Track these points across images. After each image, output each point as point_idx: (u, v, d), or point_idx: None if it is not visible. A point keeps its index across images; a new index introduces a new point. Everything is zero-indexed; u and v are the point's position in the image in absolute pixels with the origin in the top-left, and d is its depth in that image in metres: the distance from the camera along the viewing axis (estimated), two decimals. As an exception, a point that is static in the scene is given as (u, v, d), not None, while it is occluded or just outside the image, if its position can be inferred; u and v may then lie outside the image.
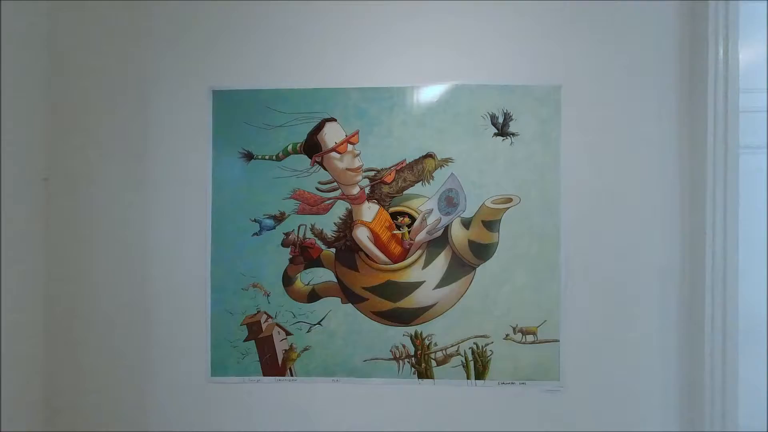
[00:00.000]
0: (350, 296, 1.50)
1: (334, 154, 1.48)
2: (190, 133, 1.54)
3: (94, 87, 1.56)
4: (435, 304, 1.49)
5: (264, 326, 1.52)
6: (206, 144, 1.53)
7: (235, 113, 1.51)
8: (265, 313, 1.51)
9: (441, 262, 1.48)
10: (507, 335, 1.49)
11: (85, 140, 1.56)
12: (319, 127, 1.49)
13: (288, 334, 1.52)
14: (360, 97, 1.50)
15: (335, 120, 1.50)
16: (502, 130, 1.50)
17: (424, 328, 1.50)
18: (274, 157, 1.50)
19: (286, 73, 1.53)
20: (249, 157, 1.51)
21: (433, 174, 1.49)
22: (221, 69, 1.53)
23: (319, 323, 1.50)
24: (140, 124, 1.55)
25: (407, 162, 1.49)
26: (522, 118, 1.49)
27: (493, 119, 1.50)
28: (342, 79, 1.51)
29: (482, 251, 1.48)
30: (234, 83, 1.53)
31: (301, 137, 1.50)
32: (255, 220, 1.51)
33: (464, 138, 1.50)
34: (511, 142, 1.50)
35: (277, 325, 1.51)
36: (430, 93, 1.50)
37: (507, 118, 1.50)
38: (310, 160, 1.49)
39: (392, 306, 1.48)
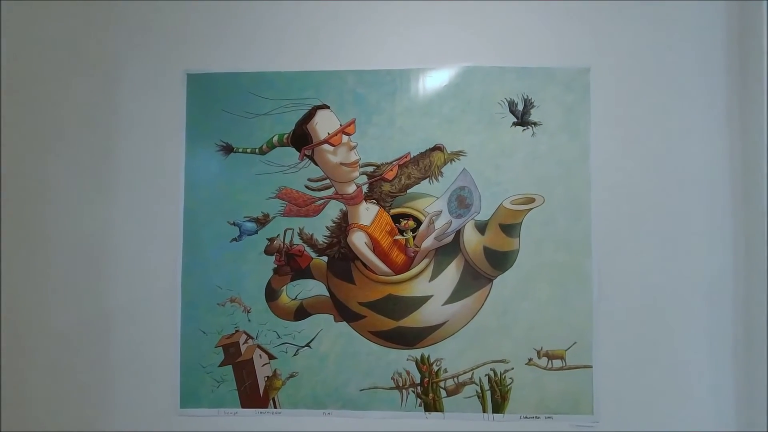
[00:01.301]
0: (345, 313, 1.30)
1: (326, 146, 1.29)
2: (160, 123, 1.35)
3: (49, 69, 1.37)
4: (445, 323, 1.28)
5: (243, 348, 1.31)
6: (179, 135, 1.34)
7: (213, 100, 1.34)
8: (245, 332, 1.31)
9: (451, 273, 1.28)
10: (530, 360, 1.28)
11: (40, 131, 1.37)
12: (310, 116, 1.31)
13: (271, 357, 1.31)
14: (357, 81, 1.32)
15: (328, 107, 1.32)
16: (522, 118, 1.31)
17: (431, 351, 1.29)
18: (256, 151, 1.32)
19: (272, 54, 1.34)
20: (228, 150, 1.33)
21: (442, 170, 1.31)
22: (197, 49, 1.35)
23: (307, 345, 1.30)
24: (103, 113, 1.36)
25: (412, 156, 1.31)
26: (545, 105, 1.31)
27: (512, 106, 1.31)
28: (336, 60, 1.33)
29: (500, 260, 1.28)
30: (212, 65, 1.35)
31: (288, 127, 1.32)
32: (234, 224, 1.32)
33: (478, 128, 1.31)
34: (533, 133, 1.30)
35: (259, 347, 1.31)
36: (438, 76, 1.32)
37: (527, 105, 1.31)
38: (298, 153, 1.31)
39: (394, 325, 1.28)
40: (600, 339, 1.28)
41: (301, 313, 1.31)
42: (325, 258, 1.31)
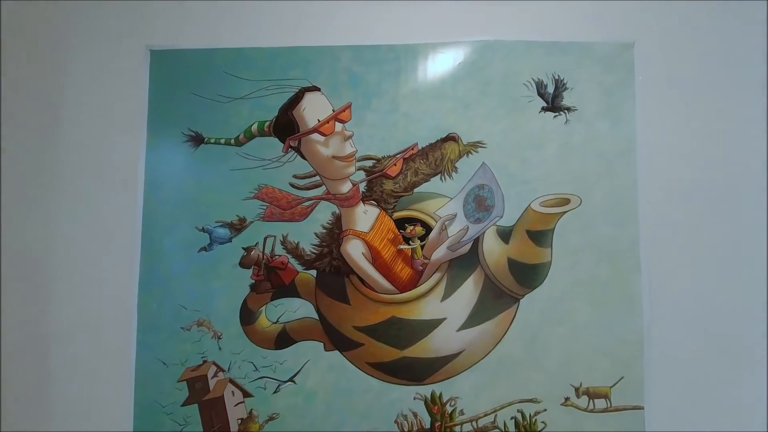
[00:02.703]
0: (337, 340, 1.09)
1: (316, 136, 1.09)
2: (116, 109, 1.15)
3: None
4: (460, 353, 1.08)
5: (212, 383, 1.10)
6: (138, 123, 1.14)
7: (181, 81, 1.14)
8: (215, 363, 1.10)
9: (469, 290, 1.08)
10: (566, 399, 1.07)
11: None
12: (296, 100, 1.11)
13: (246, 395, 1.10)
14: (353, 59, 1.13)
15: (318, 90, 1.12)
16: (553, 103, 1.11)
17: (444, 388, 1.08)
18: (232, 141, 1.13)
19: (252, 27, 1.15)
20: (197, 140, 1.14)
21: (457, 164, 1.11)
22: (162, 21, 1.16)
23: (291, 380, 1.09)
24: (46, 98, 1.15)
25: (419, 148, 1.12)
26: (580, 87, 1.11)
27: (540, 88, 1.11)
28: (329, 34, 1.14)
29: (528, 275, 1.08)
30: (179, 40, 1.16)
31: (270, 113, 1.12)
32: (203, 230, 1.12)
33: (500, 114, 1.11)
34: (566, 120, 1.11)
35: (232, 381, 1.10)
36: (451, 53, 1.13)
37: (559, 86, 1.11)
38: (282, 144, 1.11)
39: (398, 355, 1.08)
40: (653, 373, 1.06)
41: (283, 339, 1.10)
42: (314, 272, 1.11)
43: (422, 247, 1.09)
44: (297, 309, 1.10)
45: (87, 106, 1.15)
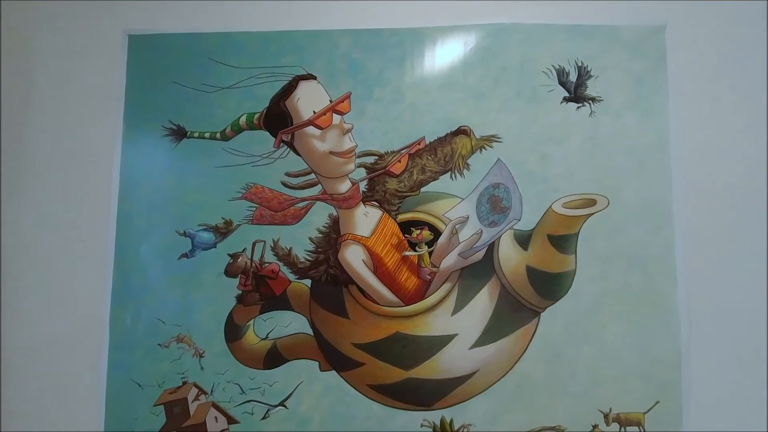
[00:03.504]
0: (334, 359, 0.99)
1: (311, 129, 1.00)
2: (89, 99, 1.06)
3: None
4: (473, 374, 0.97)
5: (193, 408, 0.99)
6: (114, 115, 1.05)
7: (161, 69, 1.06)
8: (196, 385, 1.00)
9: (483, 303, 0.98)
10: (595, 427, 0.96)
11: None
12: (290, 89, 1.02)
13: (232, 421, 0.99)
14: (353, 44, 1.04)
15: (314, 78, 1.03)
16: (576, 92, 1.02)
17: (455, 414, 0.97)
18: (217, 135, 1.03)
19: (241, 9, 1.06)
20: (179, 134, 1.04)
21: (469, 161, 1.01)
22: (141, 3, 1.07)
23: (282, 404, 0.98)
24: (12, 87, 1.06)
25: (427, 142, 1.02)
26: (606, 75, 1.02)
27: (562, 76, 1.02)
28: (326, 17, 1.05)
29: (550, 285, 0.98)
30: (160, 24, 1.07)
31: (260, 104, 1.03)
32: (184, 234, 1.02)
33: (516, 105, 1.02)
34: (591, 112, 1.01)
35: (215, 406, 0.99)
36: (461, 37, 1.03)
37: (583, 74, 1.02)
38: (273, 138, 1.02)
39: (403, 376, 0.98)
40: (692, 397, 0.95)
41: (273, 358, 1.00)
42: (309, 282, 1.01)
43: (430, 253, 1.00)
44: (289, 323, 1.00)
45: (57, 97, 1.06)
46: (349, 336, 0.98)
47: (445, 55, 1.03)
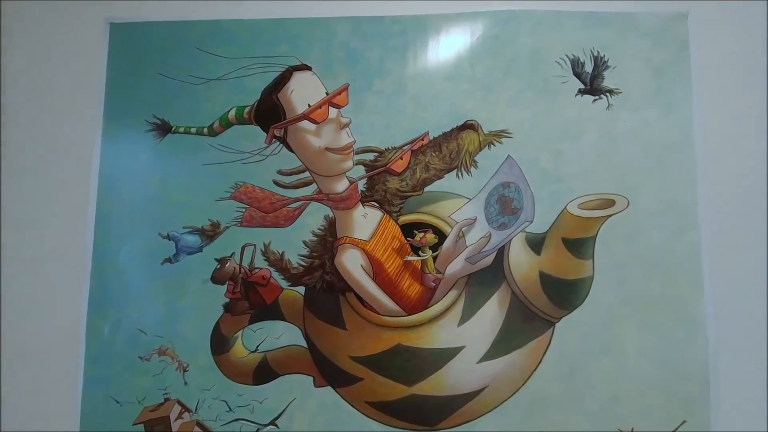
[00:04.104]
0: (330, 374, 0.94)
1: (306, 123, 0.94)
2: (68, 90, 1.00)
3: None
4: (482, 390, 0.91)
5: (176, 426, 0.93)
6: (94, 108, 0.99)
7: (145, 59, 1.00)
8: (179, 402, 0.94)
9: (492, 312, 0.92)
10: None
11: None
12: (283, 81, 0.96)
13: None
14: (351, 33, 0.99)
15: (309, 69, 0.98)
16: (592, 84, 0.96)
17: None
18: (205, 130, 0.98)
19: None
20: (164, 129, 0.99)
21: (476, 158, 0.96)
22: None
23: (273, 423, 0.93)
24: None
25: (431, 138, 0.97)
26: (624, 66, 0.96)
27: (576, 67, 0.96)
28: (322, 3, 0.99)
29: (564, 293, 0.92)
30: (145, 11, 1.01)
31: (251, 97, 0.97)
32: (168, 237, 0.97)
33: (528, 98, 0.96)
34: (608, 105, 0.96)
35: (199, 424, 0.93)
36: (468, 25, 0.98)
37: (599, 64, 0.96)
38: (265, 134, 0.96)
39: (406, 392, 0.92)
40: (721, 415, 0.88)
41: (264, 372, 0.94)
42: (302, 289, 0.96)
43: (434, 258, 0.94)
44: (281, 335, 0.95)
45: (31, 89, 1.00)
46: (347, 348, 0.93)
47: (451, 44, 0.97)
